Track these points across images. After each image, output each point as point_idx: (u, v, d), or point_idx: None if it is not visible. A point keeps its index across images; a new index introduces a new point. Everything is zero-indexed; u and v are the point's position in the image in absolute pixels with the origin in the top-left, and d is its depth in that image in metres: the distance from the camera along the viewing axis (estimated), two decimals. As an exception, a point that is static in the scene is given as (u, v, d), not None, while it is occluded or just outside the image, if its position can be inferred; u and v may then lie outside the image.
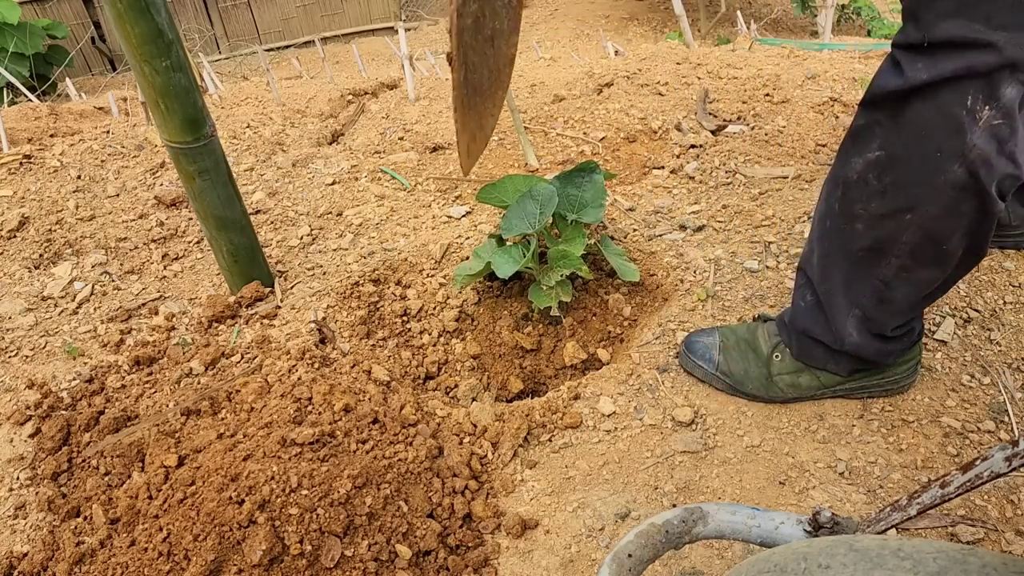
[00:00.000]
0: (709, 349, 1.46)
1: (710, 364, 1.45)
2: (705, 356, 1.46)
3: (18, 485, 1.42)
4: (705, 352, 1.46)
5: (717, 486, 1.30)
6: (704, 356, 1.46)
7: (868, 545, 0.58)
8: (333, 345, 1.67)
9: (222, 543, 1.13)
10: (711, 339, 1.47)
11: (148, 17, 1.37)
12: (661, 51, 2.98)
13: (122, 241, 2.09)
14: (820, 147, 2.17)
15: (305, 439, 1.27)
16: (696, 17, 6.52)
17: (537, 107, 2.61)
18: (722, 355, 1.44)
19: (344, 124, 2.73)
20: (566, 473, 1.36)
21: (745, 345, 1.44)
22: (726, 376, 1.43)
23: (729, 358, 1.44)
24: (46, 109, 3.10)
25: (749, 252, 1.80)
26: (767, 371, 1.41)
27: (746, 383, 1.42)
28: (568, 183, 1.78)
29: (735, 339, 1.46)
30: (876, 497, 1.25)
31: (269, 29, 7.80)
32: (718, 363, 1.44)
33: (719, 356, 1.44)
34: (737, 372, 1.42)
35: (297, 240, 2.03)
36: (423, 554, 1.22)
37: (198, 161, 1.59)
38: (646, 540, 0.87)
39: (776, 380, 1.40)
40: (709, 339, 1.48)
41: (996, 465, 0.76)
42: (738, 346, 1.45)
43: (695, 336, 1.50)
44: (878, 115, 1.08)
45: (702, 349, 1.46)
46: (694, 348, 1.48)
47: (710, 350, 1.46)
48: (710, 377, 1.45)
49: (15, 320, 1.82)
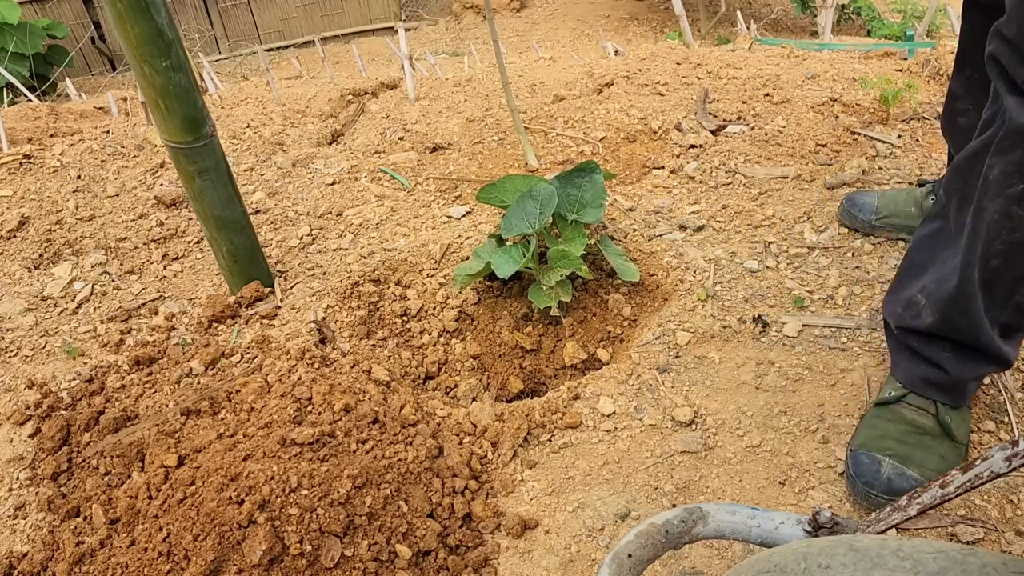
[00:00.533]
0: (902, 474, 1.21)
1: (920, 486, 1.17)
2: (910, 485, 1.19)
3: (18, 485, 1.42)
4: (904, 482, 1.20)
5: (717, 486, 1.30)
6: (909, 486, 1.19)
7: (868, 545, 0.58)
8: (333, 345, 1.67)
9: (222, 543, 1.13)
10: (886, 466, 1.22)
11: (148, 17, 1.37)
12: (661, 51, 2.98)
13: (122, 241, 2.09)
14: (820, 147, 2.17)
15: (305, 439, 1.27)
16: (696, 17, 6.52)
17: (537, 107, 2.61)
18: (913, 468, 1.21)
19: (344, 124, 2.73)
20: (566, 473, 1.36)
21: (914, 438, 1.25)
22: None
23: (920, 463, 1.22)
24: (46, 109, 3.10)
25: (749, 252, 1.80)
26: (952, 440, 1.25)
27: (953, 468, 1.24)
28: (568, 183, 1.78)
29: (897, 442, 1.24)
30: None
31: (269, 29, 7.80)
32: (921, 478, 1.20)
33: (914, 471, 1.21)
34: (940, 467, 1.22)
35: (297, 240, 2.03)
36: (423, 554, 1.22)
37: (198, 161, 1.59)
38: (646, 540, 0.87)
39: (959, 438, 1.25)
40: (886, 467, 1.22)
41: (996, 465, 0.76)
42: (909, 444, 1.24)
43: (873, 477, 1.21)
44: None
45: (898, 481, 1.20)
46: (894, 488, 1.19)
47: (904, 474, 1.20)
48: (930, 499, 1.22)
49: (15, 320, 1.82)
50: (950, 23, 3.53)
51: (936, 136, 2.18)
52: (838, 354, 1.51)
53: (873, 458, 1.24)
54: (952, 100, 1.55)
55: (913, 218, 1.74)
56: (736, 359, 1.53)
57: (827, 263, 1.74)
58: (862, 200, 1.79)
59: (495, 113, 2.61)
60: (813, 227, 1.85)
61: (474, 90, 2.88)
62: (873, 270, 1.70)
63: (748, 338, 1.58)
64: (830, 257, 1.75)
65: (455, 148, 2.43)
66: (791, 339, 1.56)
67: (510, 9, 8.10)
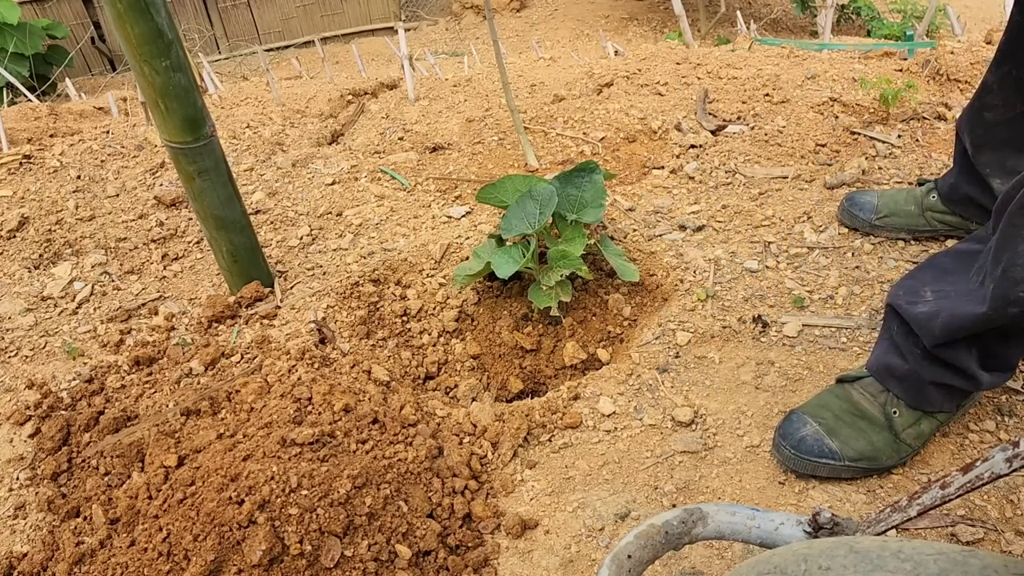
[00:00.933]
0: (819, 440, 1.25)
1: (833, 457, 1.25)
2: (821, 451, 1.25)
3: (18, 485, 1.42)
4: (817, 445, 1.25)
5: (717, 486, 1.30)
6: (820, 451, 1.25)
7: (868, 546, 0.58)
8: (333, 345, 1.67)
9: (222, 543, 1.13)
10: (809, 428, 1.27)
11: (148, 17, 1.37)
12: (661, 51, 2.98)
13: (122, 241, 2.09)
14: (820, 147, 2.17)
15: (305, 439, 1.27)
16: (696, 17, 6.52)
17: (537, 107, 2.61)
18: (834, 440, 1.25)
19: (344, 124, 2.73)
20: (566, 473, 1.36)
21: (850, 417, 1.28)
22: (857, 462, 1.25)
23: (845, 440, 1.26)
24: (46, 109, 3.10)
25: (749, 252, 1.80)
26: (892, 434, 1.26)
27: (880, 458, 1.25)
28: (568, 183, 1.78)
29: (833, 415, 1.29)
30: (876, 497, 1.25)
31: (269, 29, 7.80)
32: (840, 452, 1.25)
33: (834, 443, 1.25)
34: (866, 451, 1.25)
35: (297, 240, 2.03)
36: (423, 554, 1.22)
37: (198, 161, 1.59)
38: (646, 541, 0.87)
39: (904, 437, 1.26)
40: (808, 428, 1.27)
41: (996, 466, 0.76)
42: (843, 421, 1.28)
43: (791, 431, 1.28)
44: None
45: (812, 443, 1.26)
46: (803, 446, 1.26)
47: (821, 440, 1.25)
48: (840, 471, 1.25)
49: (15, 320, 1.82)
50: (950, 23, 3.53)
51: (936, 136, 2.18)
52: (838, 354, 1.51)
53: (802, 419, 1.30)
54: (983, 92, 1.54)
55: (913, 217, 1.73)
56: (736, 359, 1.53)
57: (827, 263, 1.74)
58: (862, 199, 1.79)
59: (495, 113, 2.61)
60: (813, 227, 1.85)
61: (474, 90, 2.88)
62: (873, 270, 1.70)
63: (748, 338, 1.58)
64: (830, 257, 1.75)
65: (455, 148, 2.43)
66: (791, 339, 1.56)
67: (510, 9, 8.10)
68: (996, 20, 3.62)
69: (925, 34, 3.21)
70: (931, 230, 1.73)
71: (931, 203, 1.72)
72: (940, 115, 2.25)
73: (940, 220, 1.71)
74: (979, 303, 1.13)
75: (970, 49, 2.62)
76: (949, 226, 1.71)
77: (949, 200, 1.68)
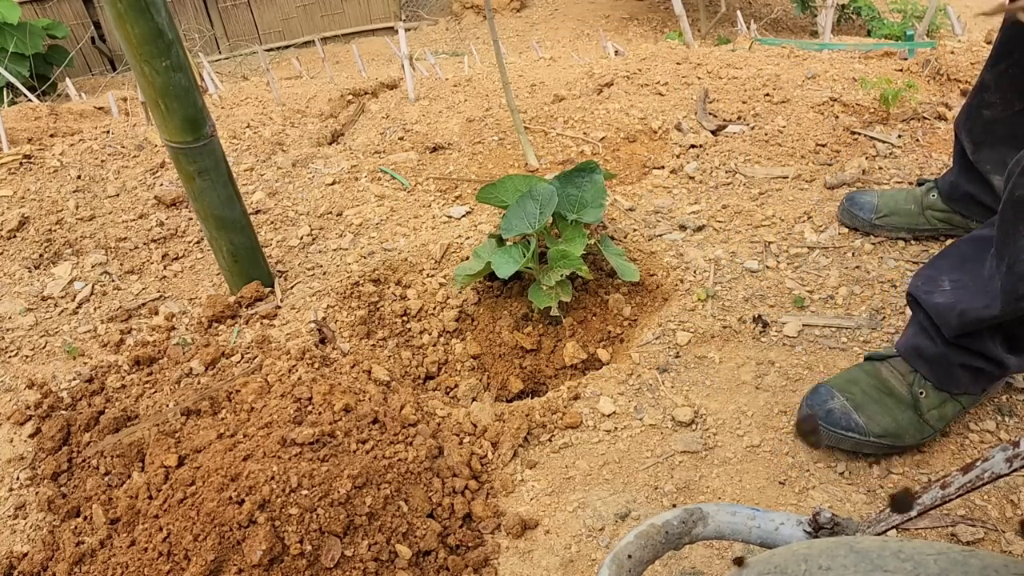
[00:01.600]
0: (847, 414, 1.28)
1: (859, 432, 1.27)
2: (848, 424, 1.28)
3: (18, 485, 1.42)
4: (844, 419, 1.28)
5: (717, 486, 1.30)
6: (846, 424, 1.28)
7: (868, 547, 0.58)
8: (333, 345, 1.67)
9: (222, 543, 1.13)
10: (836, 401, 1.30)
11: (148, 17, 1.37)
12: (661, 51, 2.98)
13: (122, 241, 2.09)
14: (820, 147, 2.17)
15: (305, 439, 1.27)
16: (696, 17, 6.52)
17: (537, 107, 2.61)
18: (861, 415, 1.28)
19: (344, 124, 2.73)
20: (566, 473, 1.36)
21: (878, 393, 1.30)
22: (882, 438, 1.27)
23: (871, 415, 1.28)
24: (46, 109, 3.10)
25: (749, 252, 1.80)
26: (916, 414, 1.28)
27: (903, 436, 1.27)
28: (568, 183, 1.78)
29: (861, 391, 1.31)
30: (876, 497, 1.25)
31: (269, 29, 7.79)
32: (865, 427, 1.27)
33: (860, 418, 1.28)
34: (891, 428, 1.27)
35: (297, 240, 2.03)
36: (423, 554, 1.22)
37: (198, 161, 1.59)
38: (646, 541, 0.87)
39: (927, 418, 1.28)
40: (835, 402, 1.30)
41: (997, 466, 0.76)
42: (871, 397, 1.30)
43: (818, 403, 1.31)
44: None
45: (838, 416, 1.28)
46: (832, 419, 1.29)
47: (848, 414, 1.28)
48: (863, 446, 1.28)
49: (15, 320, 1.82)
50: (950, 23, 3.53)
51: (936, 136, 2.18)
52: (838, 354, 1.51)
53: (831, 392, 1.32)
54: (980, 90, 1.55)
55: (913, 216, 1.73)
56: (736, 359, 1.53)
57: (827, 263, 1.74)
58: (862, 199, 1.79)
59: (495, 113, 2.61)
60: (813, 227, 1.85)
61: (474, 90, 2.88)
62: (873, 270, 1.70)
63: (748, 338, 1.58)
64: (830, 257, 1.75)
65: (455, 148, 2.43)
66: (791, 339, 1.56)
67: (510, 9, 8.09)
68: (996, 20, 3.63)
69: (925, 34, 3.21)
70: (931, 229, 1.74)
71: (931, 202, 1.72)
72: (940, 115, 2.25)
73: (940, 219, 1.72)
74: (992, 300, 1.15)
75: (970, 49, 2.61)
76: (950, 225, 1.71)
77: (950, 199, 1.68)
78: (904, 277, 1.67)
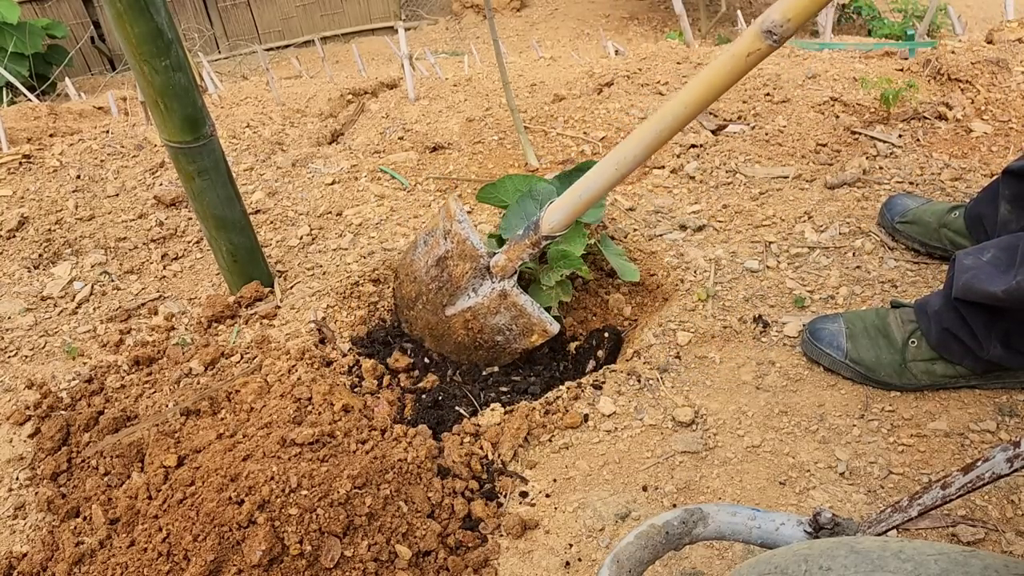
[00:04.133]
0: (836, 336, 1.42)
1: (838, 352, 1.41)
2: (832, 343, 1.41)
3: (17, 485, 1.42)
4: (832, 339, 1.42)
5: (717, 486, 1.30)
6: (831, 343, 1.41)
7: (869, 547, 0.58)
8: (333, 345, 1.67)
9: (222, 543, 1.13)
10: (836, 326, 1.44)
11: (147, 17, 1.37)
12: (661, 50, 2.98)
13: (121, 241, 2.09)
14: (820, 147, 2.17)
15: (305, 439, 1.27)
16: (696, 17, 6.52)
17: (537, 107, 2.60)
18: (850, 342, 1.40)
19: (344, 124, 2.73)
20: (566, 473, 1.36)
21: (875, 331, 1.41)
22: (856, 364, 1.40)
23: (859, 345, 1.40)
24: (45, 109, 3.10)
25: (749, 252, 1.80)
26: (901, 358, 1.37)
27: (878, 370, 1.39)
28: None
29: (863, 325, 1.43)
30: (877, 497, 1.25)
31: (269, 29, 7.79)
32: (847, 351, 1.40)
33: (847, 343, 1.40)
34: (868, 359, 1.39)
35: (297, 240, 2.03)
36: (423, 554, 1.22)
37: (197, 161, 1.58)
38: (646, 541, 0.86)
39: (911, 367, 1.37)
40: (834, 326, 1.44)
41: (997, 466, 0.75)
42: (867, 332, 1.41)
43: (819, 323, 1.46)
44: None
45: (828, 336, 1.42)
46: (819, 335, 1.44)
47: (837, 337, 1.41)
48: (838, 365, 1.42)
49: (14, 320, 1.82)
50: (951, 22, 3.53)
51: (937, 136, 2.18)
52: (839, 354, 1.51)
53: (836, 318, 1.47)
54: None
55: (929, 231, 1.68)
56: (736, 359, 1.53)
57: (828, 263, 1.73)
58: (899, 201, 1.78)
59: (495, 113, 2.61)
60: (814, 227, 1.85)
61: (474, 90, 2.88)
62: (874, 270, 1.70)
63: (749, 338, 1.58)
64: (831, 257, 1.75)
65: (455, 148, 2.43)
66: (792, 339, 1.56)
67: (510, 8, 8.09)
68: (997, 19, 3.62)
69: (926, 33, 3.21)
70: (941, 248, 1.68)
71: (949, 220, 1.66)
72: (941, 115, 2.25)
73: (951, 240, 1.66)
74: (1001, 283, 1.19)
75: (971, 49, 2.61)
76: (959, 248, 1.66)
77: (967, 216, 1.64)
78: (904, 277, 1.67)
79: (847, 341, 1.41)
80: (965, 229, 1.64)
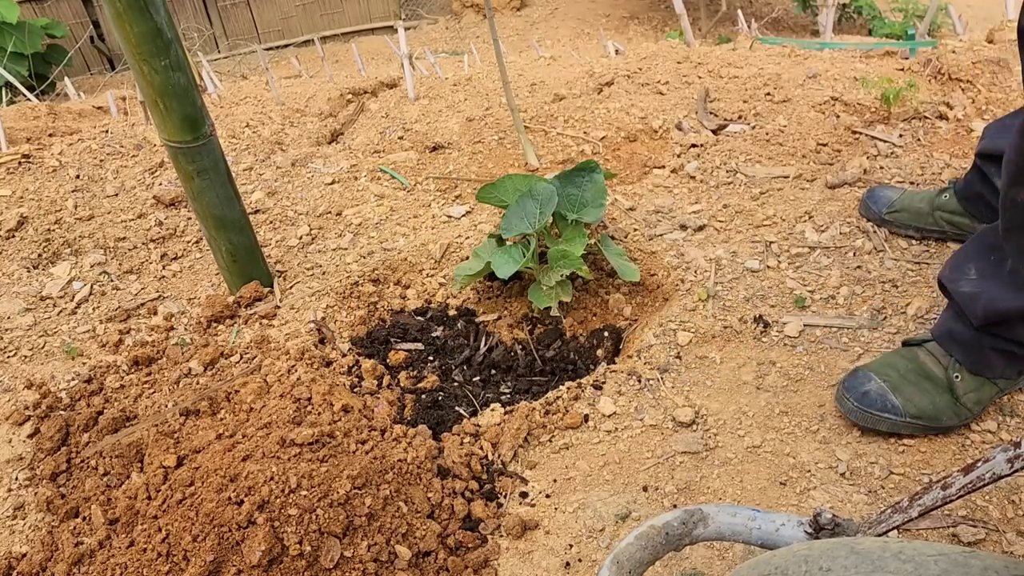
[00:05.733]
0: (883, 396, 1.31)
1: (895, 412, 1.30)
2: (884, 405, 1.30)
3: (17, 485, 1.42)
4: (880, 400, 1.31)
5: (718, 487, 1.30)
6: (882, 406, 1.30)
7: (869, 548, 0.58)
8: (332, 345, 1.66)
9: (221, 544, 1.13)
10: (873, 384, 1.33)
11: (147, 16, 1.36)
12: (662, 50, 2.98)
13: (121, 241, 2.09)
14: (821, 146, 2.17)
15: (304, 439, 1.27)
16: (697, 16, 6.52)
17: (537, 106, 2.60)
18: (899, 397, 1.30)
19: (343, 123, 2.73)
20: (566, 474, 1.36)
21: (915, 376, 1.33)
22: (918, 419, 1.30)
23: (908, 397, 1.30)
24: (45, 108, 3.10)
25: (750, 252, 1.79)
26: (951, 396, 1.30)
27: (941, 418, 1.30)
28: (568, 183, 1.77)
29: (899, 374, 1.33)
30: (877, 498, 1.25)
31: (268, 28, 7.79)
32: (902, 408, 1.30)
33: (897, 399, 1.30)
34: (927, 410, 1.30)
35: (296, 240, 2.03)
36: (423, 555, 1.22)
37: (197, 160, 1.58)
38: (646, 542, 0.86)
39: (964, 401, 1.30)
40: (872, 384, 1.32)
41: (998, 467, 0.75)
42: (907, 379, 1.32)
43: (855, 385, 1.34)
44: None
45: (875, 397, 1.31)
46: (867, 400, 1.31)
47: (884, 396, 1.30)
48: (900, 427, 1.31)
49: (14, 320, 1.82)
50: (951, 22, 3.53)
51: (938, 135, 2.18)
52: (839, 354, 1.51)
53: (868, 375, 1.35)
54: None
55: (922, 215, 1.72)
56: (737, 359, 1.53)
57: (828, 263, 1.73)
58: (881, 193, 1.80)
59: (495, 112, 2.61)
60: (814, 227, 1.84)
61: (474, 89, 2.88)
62: (875, 270, 1.70)
63: (749, 338, 1.57)
64: (831, 257, 1.75)
65: (455, 147, 2.42)
66: (792, 339, 1.55)
67: (510, 8, 8.09)
68: (997, 19, 3.62)
69: (927, 33, 3.21)
70: (938, 230, 1.71)
71: (942, 202, 1.70)
72: (942, 114, 2.25)
73: (948, 220, 1.69)
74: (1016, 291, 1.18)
75: (972, 48, 2.61)
76: (957, 228, 1.68)
77: (963, 197, 1.66)
78: (905, 277, 1.67)
79: (894, 395, 1.31)
80: (960, 208, 1.68)
